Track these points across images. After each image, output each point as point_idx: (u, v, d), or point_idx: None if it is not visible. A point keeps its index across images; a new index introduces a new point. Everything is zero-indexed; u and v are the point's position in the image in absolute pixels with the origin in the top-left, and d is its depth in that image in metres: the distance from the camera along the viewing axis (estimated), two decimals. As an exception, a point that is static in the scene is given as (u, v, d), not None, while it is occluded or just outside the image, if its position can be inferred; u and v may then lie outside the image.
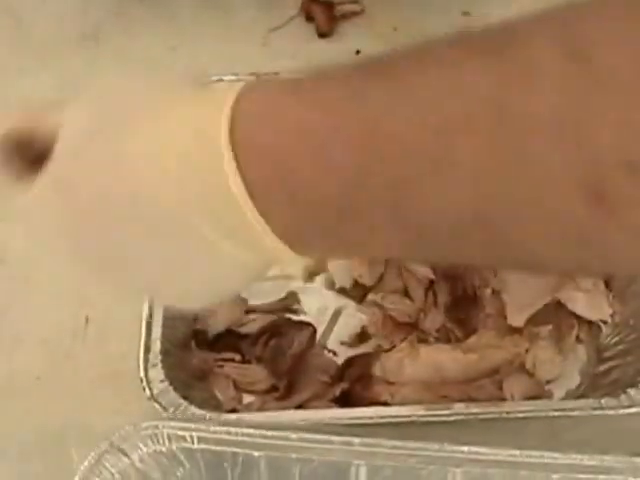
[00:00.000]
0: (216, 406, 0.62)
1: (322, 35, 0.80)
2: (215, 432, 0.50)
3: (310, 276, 0.66)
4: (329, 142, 0.31)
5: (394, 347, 0.63)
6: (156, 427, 0.51)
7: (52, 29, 0.81)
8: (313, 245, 0.35)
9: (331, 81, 0.32)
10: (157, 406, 0.56)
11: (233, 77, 0.70)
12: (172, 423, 0.51)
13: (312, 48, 0.77)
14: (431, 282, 0.65)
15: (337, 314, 0.65)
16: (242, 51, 0.79)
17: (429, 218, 0.31)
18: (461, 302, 0.65)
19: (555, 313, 0.65)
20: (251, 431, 0.50)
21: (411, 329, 0.64)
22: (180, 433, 0.51)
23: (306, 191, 0.32)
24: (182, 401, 0.57)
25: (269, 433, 0.50)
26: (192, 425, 0.51)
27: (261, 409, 0.62)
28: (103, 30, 0.81)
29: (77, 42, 0.80)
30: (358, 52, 0.74)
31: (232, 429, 0.50)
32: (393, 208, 0.31)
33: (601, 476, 0.51)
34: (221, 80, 0.70)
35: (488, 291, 0.65)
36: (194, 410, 0.56)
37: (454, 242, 0.31)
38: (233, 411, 0.61)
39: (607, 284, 0.66)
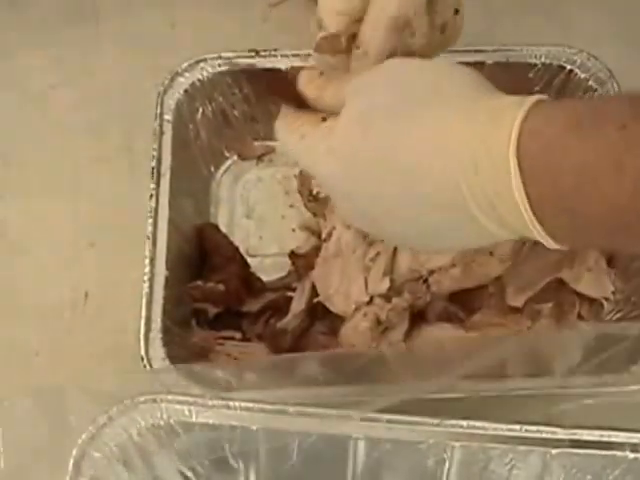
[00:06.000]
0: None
1: (323, 10, 0.79)
2: (213, 406, 0.50)
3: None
4: (606, 180, 0.36)
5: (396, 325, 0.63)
6: (154, 401, 0.51)
7: (52, 7, 0.81)
8: (576, 244, 0.43)
9: (609, 124, 0.36)
10: (158, 384, 0.56)
11: (231, 54, 0.70)
12: (170, 397, 0.51)
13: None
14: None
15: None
16: (242, 27, 0.79)
17: None
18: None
19: (556, 291, 0.65)
20: (249, 405, 0.50)
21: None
22: (178, 407, 0.50)
23: (580, 212, 0.38)
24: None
25: (267, 407, 0.50)
26: (190, 399, 0.51)
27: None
28: (103, 7, 0.81)
29: (77, 19, 0.80)
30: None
31: (230, 403, 0.50)
32: None
33: (601, 451, 0.51)
34: (219, 57, 0.70)
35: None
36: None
37: None
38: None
39: (609, 261, 0.66)
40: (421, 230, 0.45)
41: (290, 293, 0.66)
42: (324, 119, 0.49)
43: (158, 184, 0.64)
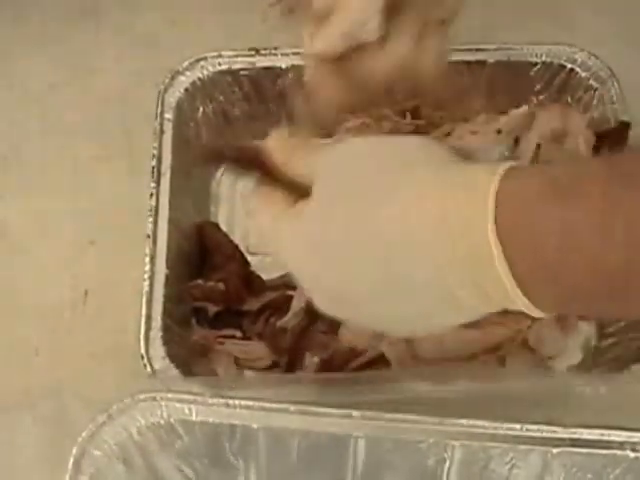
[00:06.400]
0: (217, 383, 0.62)
1: (323, 9, 0.79)
2: (213, 404, 0.50)
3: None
4: (592, 242, 0.34)
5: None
6: (154, 399, 0.51)
7: (52, 7, 0.81)
8: (562, 312, 0.42)
9: (588, 186, 0.35)
10: (158, 383, 0.56)
11: (232, 52, 0.70)
12: (170, 395, 0.51)
13: (313, 22, 0.77)
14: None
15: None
16: (242, 25, 0.79)
17: None
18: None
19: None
20: (250, 403, 0.50)
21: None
22: (178, 405, 0.51)
23: (569, 279, 0.36)
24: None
25: (268, 405, 0.50)
26: (190, 397, 0.51)
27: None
28: (103, 5, 0.81)
29: (77, 18, 0.80)
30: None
31: (230, 401, 0.50)
32: None
33: (601, 450, 0.51)
34: (219, 56, 0.70)
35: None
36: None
37: None
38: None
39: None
40: (395, 314, 0.42)
41: (290, 292, 0.65)
42: (296, 200, 0.46)
43: (158, 183, 0.64)
